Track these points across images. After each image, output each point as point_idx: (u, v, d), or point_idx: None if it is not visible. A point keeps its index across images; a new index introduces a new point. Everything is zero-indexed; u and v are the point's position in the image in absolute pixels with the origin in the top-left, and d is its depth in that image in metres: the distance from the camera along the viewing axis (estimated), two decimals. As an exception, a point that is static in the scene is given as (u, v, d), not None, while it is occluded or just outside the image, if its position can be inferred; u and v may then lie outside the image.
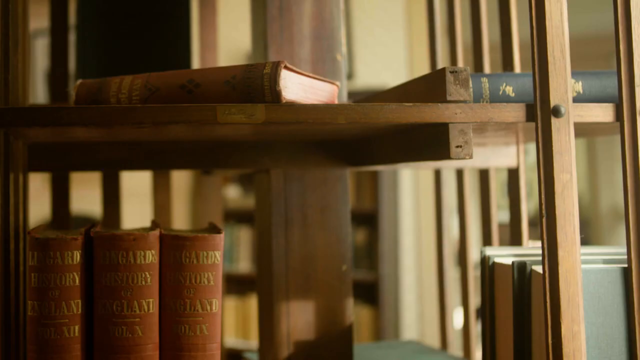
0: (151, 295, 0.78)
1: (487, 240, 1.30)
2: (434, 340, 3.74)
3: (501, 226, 1.48)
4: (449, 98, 0.77)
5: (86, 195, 4.57)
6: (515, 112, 0.79)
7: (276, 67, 0.76)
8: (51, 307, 0.76)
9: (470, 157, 0.77)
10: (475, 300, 1.46)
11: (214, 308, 0.79)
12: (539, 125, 0.78)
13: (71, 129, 0.77)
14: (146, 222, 3.52)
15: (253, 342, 3.68)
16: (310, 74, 0.83)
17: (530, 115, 0.79)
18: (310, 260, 1.07)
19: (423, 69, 4.17)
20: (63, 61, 1.32)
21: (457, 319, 4.34)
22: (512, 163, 1.21)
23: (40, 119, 0.73)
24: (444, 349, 1.45)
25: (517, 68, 1.18)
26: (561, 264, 0.76)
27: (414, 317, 4.20)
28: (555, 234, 0.76)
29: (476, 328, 1.45)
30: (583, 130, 0.90)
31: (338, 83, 0.90)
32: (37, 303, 0.76)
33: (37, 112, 0.73)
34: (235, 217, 3.99)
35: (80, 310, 0.77)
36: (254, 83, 0.77)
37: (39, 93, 4.76)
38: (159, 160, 1.05)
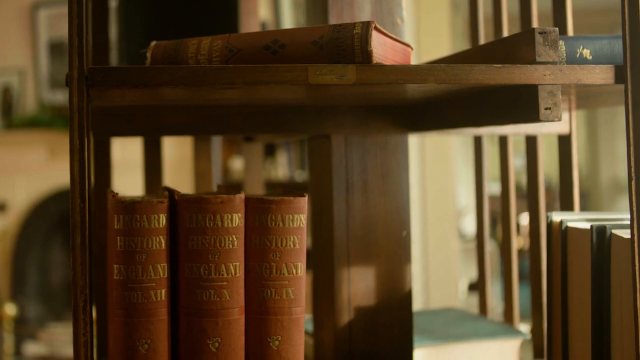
0: (238, 258, 0.77)
1: (534, 208, 1.29)
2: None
3: (495, 199, 1.48)
4: (538, 59, 0.76)
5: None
6: (604, 74, 0.78)
7: (367, 27, 0.75)
8: (138, 271, 0.75)
9: (559, 119, 0.77)
10: (468, 274, 1.47)
11: (299, 271, 0.79)
12: (629, 87, 0.77)
13: (153, 90, 0.76)
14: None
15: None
16: (392, 35, 0.82)
17: (619, 77, 0.78)
18: (371, 226, 1.06)
19: (430, 42, 4.16)
20: (104, 27, 1.30)
21: (461, 287, 4.35)
22: (565, 129, 1.21)
23: (131, 78, 0.71)
24: (483, 315, 1.45)
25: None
26: (651, 226, 0.76)
27: (419, 288, 4.23)
28: (645, 197, 0.76)
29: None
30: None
31: (412, 45, 0.89)
32: (123, 267, 0.76)
33: (128, 72, 0.71)
34: (241, 188, 3.98)
35: (166, 273, 0.77)
36: (344, 43, 0.75)
37: (42, 62, 4.71)
38: (220, 125, 1.04)
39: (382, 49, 0.80)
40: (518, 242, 1.42)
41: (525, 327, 1.34)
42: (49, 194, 4.64)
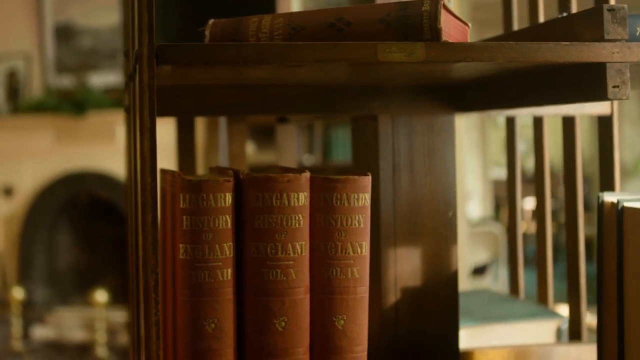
0: (303, 237, 0.77)
1: (571, 189, 1.29)
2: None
3: (498, 183, 1.48)
4: (606, 37, 0.76)
5: (88, 153, 4.52)
6: (673, 51, 0.77)
7: (436, 4, 0.74)
8: (205, 250, 0.75)
9: (627, 98, 0.76)
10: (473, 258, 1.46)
11: (364, 251, 0.78)
12: (697, 65, 0.77)
13: (215, 68, 0.75)
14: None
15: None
16: (454, 13, 0.81)
17: (688, 55, 0.77)
18: (417, 206, 1.06)
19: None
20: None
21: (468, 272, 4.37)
22: (606, 111, 1.20)
23: (200, 56, 0.71)
24: (515, 297, 1.45)
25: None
26: None
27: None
28: None
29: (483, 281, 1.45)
30: None
31: (470, 24, 0.88)
32: (189, 246, 0.75)
33: (197, 49, 0.71)
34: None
35: (232, 253, 0.76)
36: (412, 20, 0.75)
37: (48, 46, 4.69)
38: (264, 105, 1.03)
39: (446, 27, 0.79)
40: (522, 226, 1.42)
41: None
42: (56, 178, 4.63)
